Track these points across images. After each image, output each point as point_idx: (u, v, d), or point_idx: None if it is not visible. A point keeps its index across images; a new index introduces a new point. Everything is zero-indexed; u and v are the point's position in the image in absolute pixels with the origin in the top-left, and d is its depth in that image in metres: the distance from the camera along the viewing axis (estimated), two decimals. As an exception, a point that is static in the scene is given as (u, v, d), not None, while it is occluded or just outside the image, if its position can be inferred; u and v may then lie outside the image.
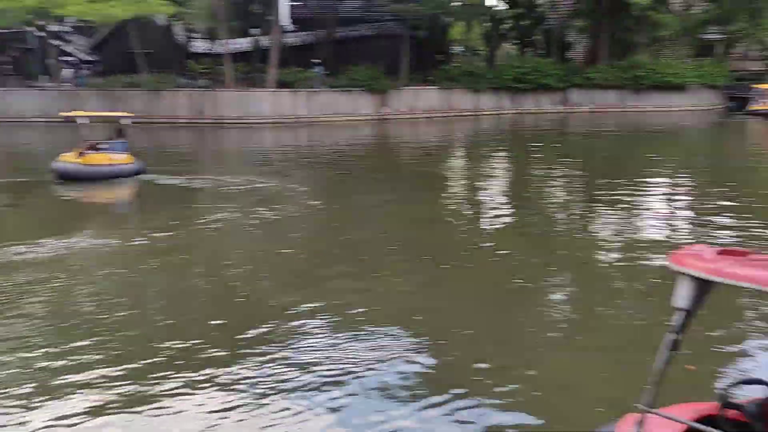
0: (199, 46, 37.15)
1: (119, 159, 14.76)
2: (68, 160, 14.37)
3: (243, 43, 35.52)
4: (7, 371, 5.53)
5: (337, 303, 7.02)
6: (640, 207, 12.16)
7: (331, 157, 19.93)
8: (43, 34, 33.09)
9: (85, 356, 5.78)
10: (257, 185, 14.23)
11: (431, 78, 32.78)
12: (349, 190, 14.31)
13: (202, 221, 11.08)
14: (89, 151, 14.55)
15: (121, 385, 5.23)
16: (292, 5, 37.62)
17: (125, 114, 16.79)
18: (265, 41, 33.60)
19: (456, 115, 32.23)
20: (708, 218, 10.80)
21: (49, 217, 12.27)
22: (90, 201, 13.96)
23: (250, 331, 6.28)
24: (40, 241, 9.30)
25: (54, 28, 32.95)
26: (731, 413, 2.89)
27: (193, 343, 6.01)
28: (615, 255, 9.02)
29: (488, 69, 34.88)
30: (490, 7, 37.14)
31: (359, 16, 36.44)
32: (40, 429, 4.70)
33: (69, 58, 34.34)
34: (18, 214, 12.74)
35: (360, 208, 12.46)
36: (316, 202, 12.79)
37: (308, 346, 5.96)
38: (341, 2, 34.56)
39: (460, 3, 32.99)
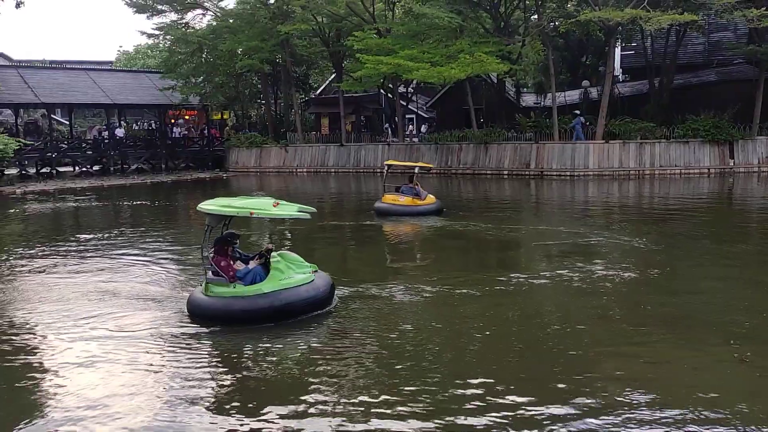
0: (529, 100, 38.55)
1: (424, 201, 17.88)
2: (385, 201, 18.28)
3: (572, 95, 35.70)
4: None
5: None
6: None
7: (662, 214, 18.41)
8: (391, 96, 38.16)
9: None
10: (578, 238, 13.96)
11: (791, 126, 28.18)
12: (681, 251, 13.03)
13: (523, 274, 11.27)
14: (401, 194, 18.17)
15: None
16: (623, 54, 36.58)
17: (423, 164, 20.89)
18: (594, 92, 33.21)
19: (827, 169, 27.01)
20: None
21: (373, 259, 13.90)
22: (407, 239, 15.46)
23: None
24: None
25: (401, 89, 37.64)
26: None
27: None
28: None
29: None
30: None
31: (701, 62, 33.55)
32: None
33: (411, 116, 38.95)
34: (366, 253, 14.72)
35: (693, 272, 11.24)
36: (638, 262, 11.94)
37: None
38: (681, 48, 32.18)
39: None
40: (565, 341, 7.78)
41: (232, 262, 8.91)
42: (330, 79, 42.95)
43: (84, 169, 36.51)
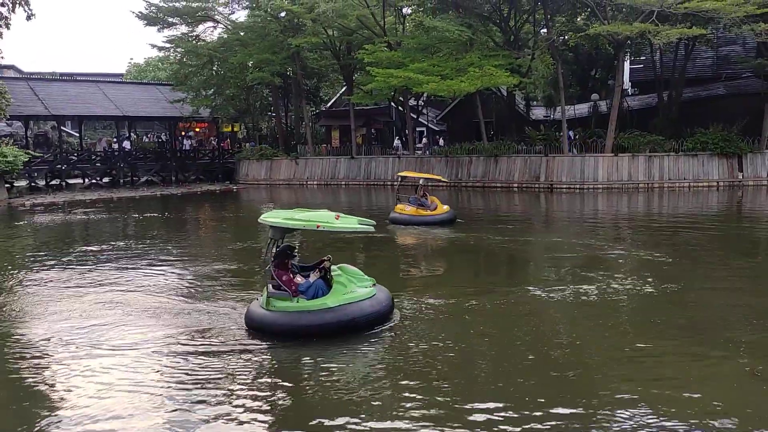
0: (538, 113, 38.68)
1: (434, 211, 18.61)
2: (396, 211, 19.11)
3: (581, 109, 35.81)
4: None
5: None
6: None
7: (672, 227, 18.41)
8: (401, 108, 38.32)
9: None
10: (590, 251, 13.99)
11: (801, 139, 28.18)
12: (692, 264, 13.03)
13: (535, 286, 11.30)
14: (408, 204, 19.04)
15: None
16: (632, 68, 36.72)
17: (431, 176, 22.32)
18: (603, 106, 33.33)
19: (836, 182, 26.99)
20: None
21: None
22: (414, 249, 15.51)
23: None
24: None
25: (411, 102, 37.81)
26: None
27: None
28: None
29: None
30: None
31: (710, 75, 33.66)
32: None
33: (422, 129, 39.09)
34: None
35: (704, 285, 11.25)
36: (649, 275, 11.95)
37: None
38: (689, 62, 32.31)
39: None
40: (576, 355, 7.81)
41: (292, 276, 8.85)
42: (341, 92, 43.21)
43: (93, 181, 36.79)
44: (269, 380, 7.34)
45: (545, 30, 32.09)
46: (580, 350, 8.01)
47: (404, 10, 35.97)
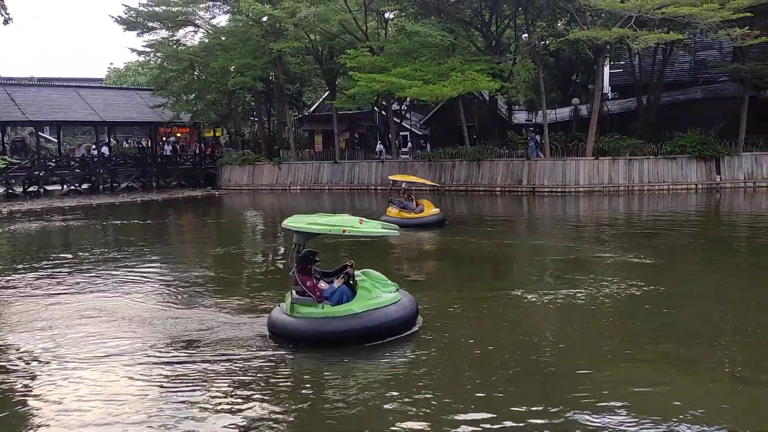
0: (520, 117, 38.98)
1: (420, 213, 18.86)
2: (390, 214, 19.07)
3: (562, 113, 36.16)
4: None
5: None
6: None
7: (653, 229, 18.63)
8: (384, 113, 38.38)
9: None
10: (573, 254, 14.10)
11: (777, 142, 28.71)
12: (673, 266, 13.19)
13: (518, 290, 11.36)
14: (393, 207, 19.42)
15: None
16: (612, 73, 37.16)
17: (421, 180, 23.63)
18: (584, 110, 33.67)
19: (811, 184, 27.53)
20: None
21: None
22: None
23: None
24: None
25: (394, 107, 37.87)
26: None
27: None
28: None
29: None
30: None
31: (688, 80, 34.17)
32: None
33: (405, 133, 39.16)
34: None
35: (685, 286, 11.39)
36: (632, 278, 12.08)
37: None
38: (667, 66, 32.79)
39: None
40: (559, 359, 7.84)
41: (315, 281, 8.73)
42: (323, 97, 43.18)
43: (72, 187, 36.32)
44: (291, 387, 7.29)
45: (526, 35, 32.35)
46: (564, 354, 8.05)
47: (386, 15, 36.10)
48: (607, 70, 35.60)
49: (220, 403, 6.81)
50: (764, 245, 15.67)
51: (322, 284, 8.76)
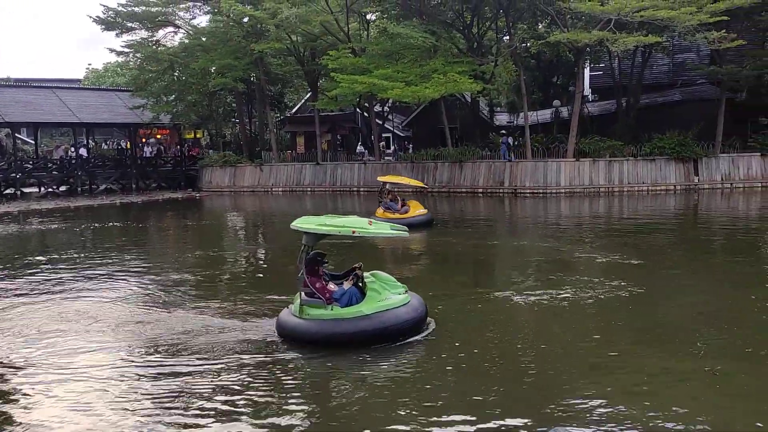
0: (502, 119, 39.18)
1: (409, 213, 18.90)
2: (377, 215, 18.91)
3: (543, 115, 36.40)
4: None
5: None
6: None
7: (633, 229, 18.82)
8: (366, 114, 38.34)
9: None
10: (555, 254, 14.17)
11: (753, 144, 29.16)
12: (653, 265, 13.33)
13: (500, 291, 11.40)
14: (380, 207, 19.61)
15: None
16: (592, 75, 37.52)
17: (411, 182, 23.35)
18: (564, 112, 33.93)
19: (785, 185, 28.03)
20: None
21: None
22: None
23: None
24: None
25: (377, 108, 37.85)
26: None
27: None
28: None
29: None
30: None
31: (666, 82, 34.60)
32: None
33: (387, 135, 39.14)
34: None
35: (665, 286, 11.51)
36: (614, 278, 12.18)
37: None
38: (646, 69, 33.18)
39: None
40: (541, 360, 7.87)
41: (324, 283, 8.66)
42: (305, 98, 43.01)
43: (50, 189, 35.79)
44: (298, 389, 7.28)
45: (507, 37, 32.54)
46: (546, 355, 8.08)
47: (368, 17, 36.08)
48: (587, 73, 35.93)
49: (218, 406, 6.73)
50: (741, 246, 15.89)
51: (332, 286, 8.72)
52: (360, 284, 8.75)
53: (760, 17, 27.28)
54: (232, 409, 6.67)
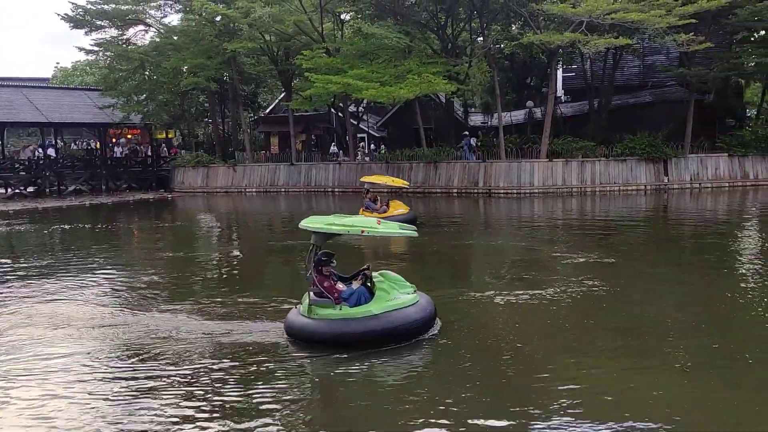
0: (476, 119, 39.38)
1: (388, 213, 18.71)
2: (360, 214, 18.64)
3: (517, 115, 36.66)
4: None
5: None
6: None
7: (606, 229, 19.05)
8: (341, 115, 38.19)
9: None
10: (529, 254, 14.26)
11: (720, 144, 29.79)
12: (625, 264, 13.50)
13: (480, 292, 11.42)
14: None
15: None
16: (565, 76, 37.92)
17: (392, 182, 22.64)
18: (538, 112, 34.21)
19: (751, 185, 28.66)
20: None
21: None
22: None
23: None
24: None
25: (351, 108, 37.73)
26: None
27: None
28: None
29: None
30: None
31: (637, 83, 35.14)
32: None
33: (362, 135, 39.03)
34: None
35: (636, 284, 11.66)
36: (587, 277, 12.30)
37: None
38: (618, 70, 33.66)
39: (755, 62, 29.67)
40: (517, 360, 7.92)
41: (333, 283, 8.59)
42: (279, 98, 42.67)
43: (17, 190, 34.95)
44: (304, 389, 7.19)
45: (481, 38, 32.70)
46: (522, 355, 8.12)
47: (342, 17, 35.94)
48: (560, 74, 36.32)
49: (212, 407, 6.60)
50: (710, 244, 16.18)
51: (340, 285, 8.67)
52: (369, 284, 8.73)
53: (726, 20, 27.84)
54: (232, 410, 6.62)
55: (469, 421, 6.20)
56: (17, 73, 73.66)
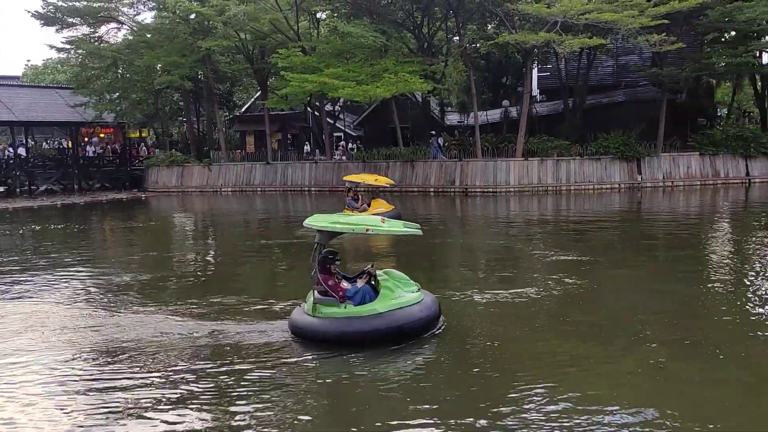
0: (453, 119, 39.54)
1: (371, 211, 18.54)
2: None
3: (493, 115, 36.89)
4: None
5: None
6: None
7: (581, 227, 19.26)
8: (317, 113, 38.05)
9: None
10: (504, 252, 14.35)
11: (692, 143, 30.32)
12: (599, 261, 13.66)
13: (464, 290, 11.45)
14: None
15: None
16: (540, 76, 38.23)
17: (376, 180, 22.10)
18: (514, 112, 34.46)
19: (721, 183, 29.24)
20: None
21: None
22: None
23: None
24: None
25: (328, 107, 37.62)
26: None
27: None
28: None
29: (762, 132, 31.14)
30: (765, 65, 33.42)
31: (611, 83, 35.57)
32: None
33: (339, 134, 38.92)
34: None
35: (611, 281, 11.81)
36: (563, 275, 12.42)
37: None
38: (592, 70, 34.05)
39: (725, 62, 30.24)
40: (492, 357, 7.95)
41: (337, 281, 8.55)
42: (255, 97, 42.35)
43: (-14, 191, 34.20)
44: (310, 388, 7.09)
45: (457, 38, 32.84)
46: (497, 352, 8.16)
47: (318, 15, 35.79)
48: (535, 74, 36.59)
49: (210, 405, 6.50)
50: (681, 241, 16.45)
51: (345, 284, 8.64)
52: (373, 282, 8.71)
53: (698, 21, 28.33)
54: (232, 410, 6.58)
55: (458, 420, 6.22)
56: (-15, 70, 71.84)
